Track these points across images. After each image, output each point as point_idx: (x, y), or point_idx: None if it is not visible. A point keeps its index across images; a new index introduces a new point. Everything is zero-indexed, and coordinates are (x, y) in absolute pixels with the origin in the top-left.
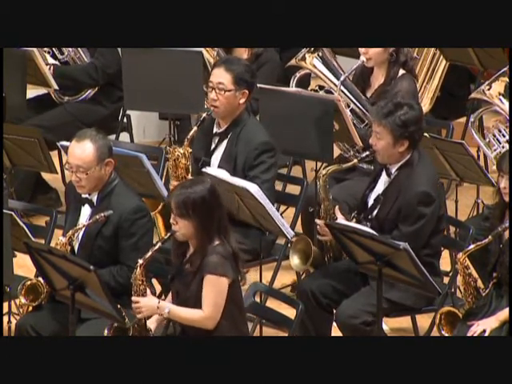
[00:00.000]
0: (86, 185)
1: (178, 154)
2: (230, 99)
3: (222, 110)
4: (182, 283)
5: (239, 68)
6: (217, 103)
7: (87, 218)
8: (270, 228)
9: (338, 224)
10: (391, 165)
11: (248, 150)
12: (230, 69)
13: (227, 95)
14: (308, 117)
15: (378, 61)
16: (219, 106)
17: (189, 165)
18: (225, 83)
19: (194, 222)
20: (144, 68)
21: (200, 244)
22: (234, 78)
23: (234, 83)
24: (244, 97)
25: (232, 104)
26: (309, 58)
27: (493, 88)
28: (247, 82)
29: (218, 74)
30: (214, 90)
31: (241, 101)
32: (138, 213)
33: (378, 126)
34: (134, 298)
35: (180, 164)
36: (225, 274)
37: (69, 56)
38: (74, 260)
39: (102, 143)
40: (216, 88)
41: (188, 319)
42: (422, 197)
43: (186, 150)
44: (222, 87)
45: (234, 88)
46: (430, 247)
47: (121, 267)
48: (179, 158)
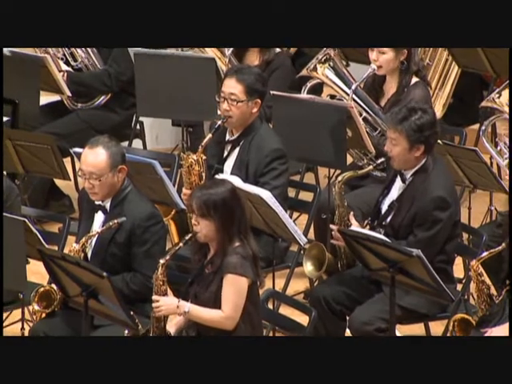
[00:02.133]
0: (99, 191)
1: (191, 161)
2: (242, 109)
3: (234, 119)
4: (201, 285)
5: (250, 78)
6: (229, 113)
7: (100, 224)
8: (283, 235)
9: (351, 231)
10: (406, 170)
11: (259, 157)
12: (241, 79)
13: (239, 105)
14: (321, 123)
15: (389, 69)
16: (232, 116)
17: (202, 171)
18: (237, 94)
19: (215, 222)
20: (157, 75)
21: (221, 245)
22: (246, 88)
23: (245, 93)
24: (256, 106)
25: (245, 114)
26: (320, 68)
27: (503, 96)
28: (259, 91)
29: (229, 85)
30: (226, 101)
31: (253, 110)
32: (151, 219)
33: (394, 131)
34: (155, 296)
35: (194, 171)
36: (245, 274)
37: (82, 63)
38: (88, 266)
39: (115, 150)
40: (228, 99)
41: (207, 319)
42: (438, 202)
43: (199, 157)
44: (234, 98)
45: (246, 98)
46: (444, 253)
47: (134, 274)
48: (193, 164)
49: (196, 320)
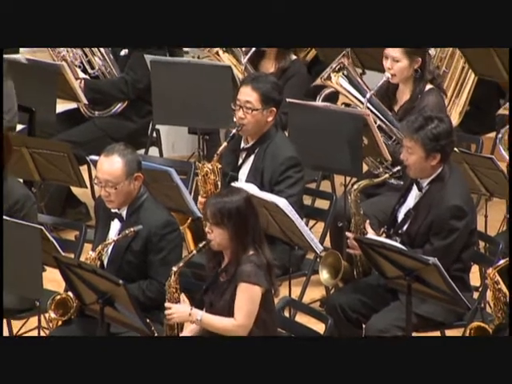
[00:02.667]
0: (115, 199)
1: (206, 170)
2: (257, 118)
3: (249, 127)
4: (215, 293)
5: (266, 86)
6: (244, 121)
7: (116, 232)
8: (299, 242)
9: (367, 239)
10: (422, 179)
11: (274, 165)
12: (257, 87)
13: (255, 114)
14: (337, 131)
15: (403, 77)
16: (247, 125)
17: (218, 180)
18: (252, 102)
19: (229, 230)
20: (173, 82)
21: (234, 253)
22: (262, 97)
23: (261, 102)
24: (272, 114)
25: (260, 122)
26: (334, 77)
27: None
28: (275, 100)
29: (245, 93)
30: (242, 109)
31: (268, 118)
32: (167, 227)
33: (410, 140)
34: (167, 304)
35: (209, 180)
36: (258, 283)
37: (99, 70)
38: (104, 274)
39: (131, 158)
40: (244, 107)
41: (220, 327)
42: (454, 211)
43: (215, 166)
44: (250, 106)
45: (261, 107)
46: (460, 262)
47: (150, 282)
48: (208, 173)
49: (208, 328)
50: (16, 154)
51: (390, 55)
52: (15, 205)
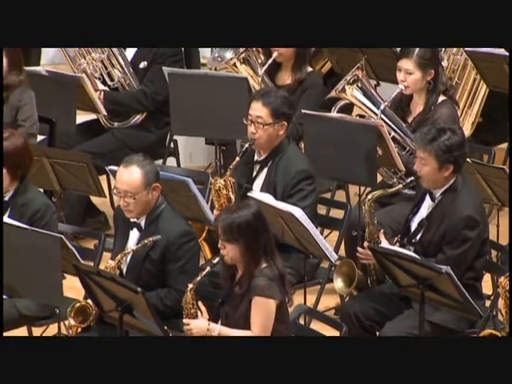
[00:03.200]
0: (133, 209)
1: (219, 186)
2: (269, 132)
3: (261, 142)
4: (231, 306)
5: (276, 101)
6: (256, 136)
7: (135, 241)
8: (314, 251)
9: (381, 248)
10: (435, 189)
11: (286, 178)
12: (267, 103)
13: (266, 128)
14: (352, 142)
15: (416, 88)
16: (259, 139)
17: (231, 193)
18: (263, 117)
19: (240, 245)
20: (191, 94)
21: (247, 267)
22: (272, 112)
23: (272, 117)
24: (283, 128)
25: (271, 136)
26: (349, 89)
27: None
28: (285, 114)
29: (256, 108)
30: (254, 124)
31: (280, 132)
32: (185, 237)
33: (423, 152)
34: (186, 320)
35: (222, 194)
36: (272, 296)
37: (119, 82)
38: (122, 282)
39: (149, 168)
40: (255, 122)
41: None
42: (467, 221)
43: (228, 180)
44: (261, 121)
45: (272, 121)
46: (473, 270)
47: (168, 290)
48: (221, 188)
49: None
50: (37, 164)
51: (404, 67)
52: (36, 214)
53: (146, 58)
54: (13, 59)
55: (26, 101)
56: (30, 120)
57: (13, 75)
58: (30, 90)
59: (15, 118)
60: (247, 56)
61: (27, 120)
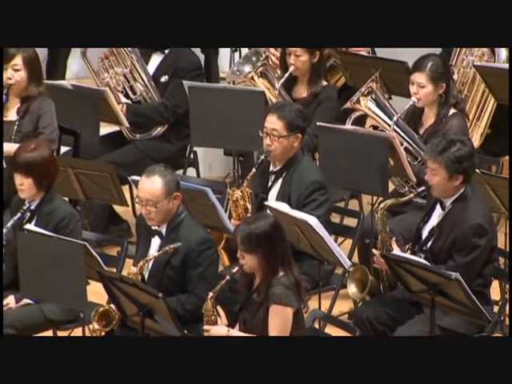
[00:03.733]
0: (155, 217)
1: (236, 197)
2: (284, 144)
3: (276, 153)
4: (249, 312)
5: (291, 114)
6: (272, 148)
7: (157, 248)
8: (329, 258)
9: (393, 255)
10: (446, 199)
11: (300, 188)
12: (282, 116)
13: (281, 141)
14: (365, 153)
15: (428, 101)
16: (274, 151)
17: (248, 204)
18: (278, 130)
19: (258, 255)
20: (210, 107)
21: (265, 276)
22: (287, 125)
23: (286, 129)
24: (297, 140)
25: (286, 148)
26: (363, 100)
27: None
28: (299, 127)
29: (271, 121)
30: (269, 136)
31: (294, 144)
32: (205, 244)
33: (434, 162)
34: (206, 326)
35: (239, 205)
36: (289, 304)
37: (141, 95)
38: (144, 288)
39: (170, 178)
40: (270, 134)
41: None
42: (476, 229)
43: (245, 191)
44: (276, 134)
45: (287, 134)
46: (482, 277)
47: (188, 295)
48: (238, 199)
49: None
50: (62, 174)
51: (416, 81)
52: (61, 222)
53: (167, 73)
54: (33, 71)
55: (45, 109)
56: (49, 127)
57: (33, 87)
58: (49, 100)
59: (36, 125)
60: (265, 70)
61: (47, 127)
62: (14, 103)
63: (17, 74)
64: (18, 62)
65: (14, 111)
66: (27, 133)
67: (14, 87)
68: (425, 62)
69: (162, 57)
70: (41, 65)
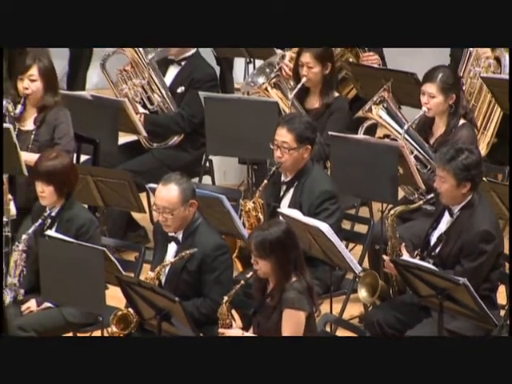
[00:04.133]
0: (171, 224)
1: (249, 208)
2: (294, 156)
3: (287, 165)
4: (263, 316)
5: (300, 127)
6: (282, 160)
7: (173, 254)
8: (340, 263)
9: (402, 260)
10: (454, 206)
11: (311, 198)
12: (292, 128)
13: (291, 152)
14: (375, 162)
15: (438, 111)
16: (285, 162)
17: (260, 214)
18: (288, 142)
19: (271, 261)
20: (225, 117)
21: (278, 281)
22: (297, 137)
23: (296, 141)
24: (307, 152)
25: (296, 159)
26: (375, 109)
27: None
28: (309, 139)
29: (281, 134)
30: (280, 149)
31: (304, 155)
32: (220, 249)
33: (442, 170)
34: (221, 329)
35: (251, 215)
36: (302, 308)
37: (158, 106)
38: (161, 292)
39: (186, 186)
40: (281, 147)
41: None
42: (483, 235)
43: (257, 202)
44: (286, 146)
45: (297, 146)
46: (489, 282)
47: (204, 299)
48: (250, 210)
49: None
50: (81, 181)
51: (427, 91)
52: (81, 228)
53: (183, 84)
54: (48, 82)
55: (61, 119)
56: (65, 138)
57: (49, 96)
58: (65, 109)
59: (52, 135)
60: (278, 81)
61: (63, 138)
62: (31, 113)
63: (33, 85)
64: (34, 73)
65: (31, 121)
66: (44, 142)
67: (31, 97)
68: (436, 72)
69: (178, 68)
70: (56, 75)
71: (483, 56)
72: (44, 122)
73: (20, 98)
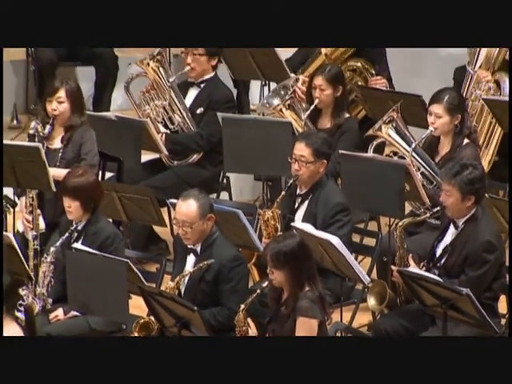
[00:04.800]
0: (191, 237)
1: (267, 217)
2: (311, 169)
3: (304, 178)
4: (277, 323)
5: (317, 142)
6: (299, 173)
7: (192, 265)
8: (350, 275)
9: (408, 272)
10: (459, 218)
11: (325, 210)
12: (309, 143)
13: (308, 166)
14: (383, 178)
15: (444, 131)
16: (302, 175)
17: (277, 224)
18: (306, 156)
19: (286, 271)
20: (241, 136)
21: (292, 290)
22: (314, 151)
23: (313, 155)
24: (323, 166)
25: (313, 173)
26: (384, 128)
27: None
28: (325, 154)
29: (299, 148)
30: (297, 162)
31: (320, 169)
32: (236, 261)
33: (448, 184)
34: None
35: (270, 224)
36: (314, 316)
37: (179, 126)
38: (181, 301)
39: (204, 201)
40: (299, 160)
41: None
42: (486, 245)
43: (275, 212)
44: (304, 159)
45: (313, 160)
46: (491, 291)
47: (221, 308)
48: (269, 219)
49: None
50: (106, 197)
51: (434, 112)
52: (106, 241)
53: (202, 105)
54: (75, 103)
55: (87, 138)
56: (91, 153)
57: (75, 117)
58: (90, 129)
59: (78, 153)
60: (292, 103)
61: (88, 154)
62: (59, 132)
63: (61, 106)
64: (61, 95)
65: (58, 140)
66: (71, 159)
67: (59, 118)
68: (442, 94)
69: (197, 90)
70: (83, 97)
71: (484, 80)
72: (71, 141)
73: (49, 119)
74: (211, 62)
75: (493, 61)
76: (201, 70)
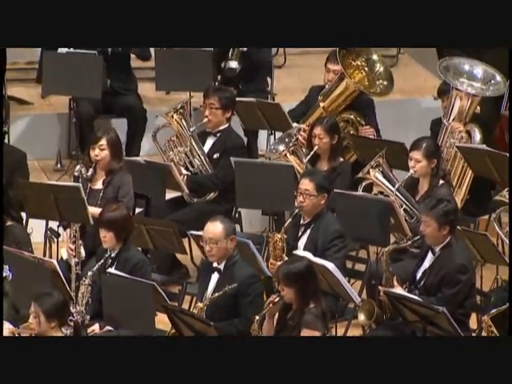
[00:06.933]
0: (215, 253)
1: (276, 239)
2: (313, 201)
3: (308, 209)
4: (285, 334)
5: (320, 178)
6: (304, 204)
7: (215, 282)
8: (343, 295)
9: (393, 292)
10: (436, 246)
11: (325, 235)
12: (313, 179)
13: (312, 199)
14: (371, 213)
15: (423, 173)
16: (306, 207)
17: (284, 247)
18: (309, 190)
19: (294, 289)
20: (251, 177)
21: (299, 306)
22: (316, 186)
23: (316, 190)
24: (324, 199)
25: (315, 205)
26: (372, 171)
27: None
28: (326, 188)
29: (304, 183)
30: (302, 195)
31: (321, 202)
32: (253, 278)
33: (426, 216)
34: None
35: (278, 246)
36: (317, 329)
37: (198, 168)
38: (199, 318)
39: (228, 224)
40: (303, 193)
41: None
42: (460, 267)
43: (282, 236)
44: (308, 193)
45: (316, 193)
46: (463, 308)
47: (240, 319)
48: (277, 241)
49: None
50: (136, 229)
51: (414, 157)
52: (135, 266)
53: (218, 151)
54: (115, 150)
55: (125, 182)
56: (127, 197)
57: (115, 162)
58: (128, 174)
59: (117, 195)
60: (295, 149)
61: (126, 197)
62: (101, 175)
63: (102, 152)
64: (103, 143)
65: (100, 182)
66: (110, 199)
67: (100, 162)
68: (421, 142)
69: (214, 139)
70: (122, 145)
71: (457, 130)
72: (110, 184)
73: (91, 163)
74: (226, 114)
75: (464, 114)
76: (217, 121)
